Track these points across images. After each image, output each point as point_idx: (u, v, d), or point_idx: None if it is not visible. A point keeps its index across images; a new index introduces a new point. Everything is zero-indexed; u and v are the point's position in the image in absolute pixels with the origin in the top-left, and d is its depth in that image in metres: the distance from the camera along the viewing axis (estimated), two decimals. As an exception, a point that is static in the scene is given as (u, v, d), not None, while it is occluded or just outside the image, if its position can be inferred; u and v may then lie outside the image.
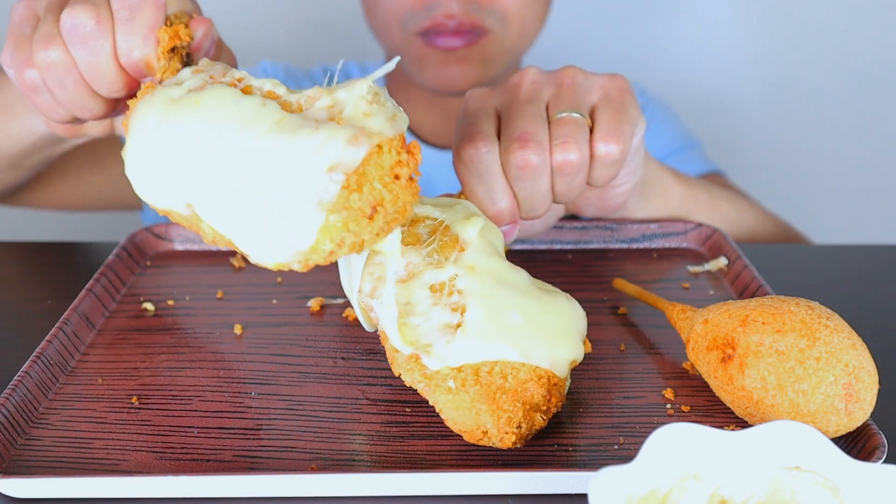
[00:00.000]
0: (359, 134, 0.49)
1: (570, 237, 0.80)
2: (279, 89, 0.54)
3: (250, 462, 0.54)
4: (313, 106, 0.52)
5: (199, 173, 0.52)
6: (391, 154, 0.50)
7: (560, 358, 0.54)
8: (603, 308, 0.70)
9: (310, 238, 0.49)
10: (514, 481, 0.51)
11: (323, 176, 0.49)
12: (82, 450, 0.55)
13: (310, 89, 0.54)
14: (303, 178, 0.49)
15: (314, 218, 0.49)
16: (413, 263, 0.56)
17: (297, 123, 0.50)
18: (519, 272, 0.57)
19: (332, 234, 0.49)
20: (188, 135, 0.53)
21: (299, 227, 0.49)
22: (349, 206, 0.49)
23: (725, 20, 1.49)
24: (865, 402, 0.51)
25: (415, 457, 0.54)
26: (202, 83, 0.55)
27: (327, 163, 0.49)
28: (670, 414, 0.58)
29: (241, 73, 0.56)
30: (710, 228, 0.80)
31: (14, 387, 0.57)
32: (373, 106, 0.51)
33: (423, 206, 0.60)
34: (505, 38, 1.00)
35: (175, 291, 0.72)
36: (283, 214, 0.50)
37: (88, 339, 0.66)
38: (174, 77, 0.57)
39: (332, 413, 0.58)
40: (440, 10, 0.97)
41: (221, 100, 0.53)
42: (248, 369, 0.62)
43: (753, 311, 0.54)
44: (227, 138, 0.51)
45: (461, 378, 0.52)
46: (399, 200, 0.51)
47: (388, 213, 0.50)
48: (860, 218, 1.60)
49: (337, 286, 0.71)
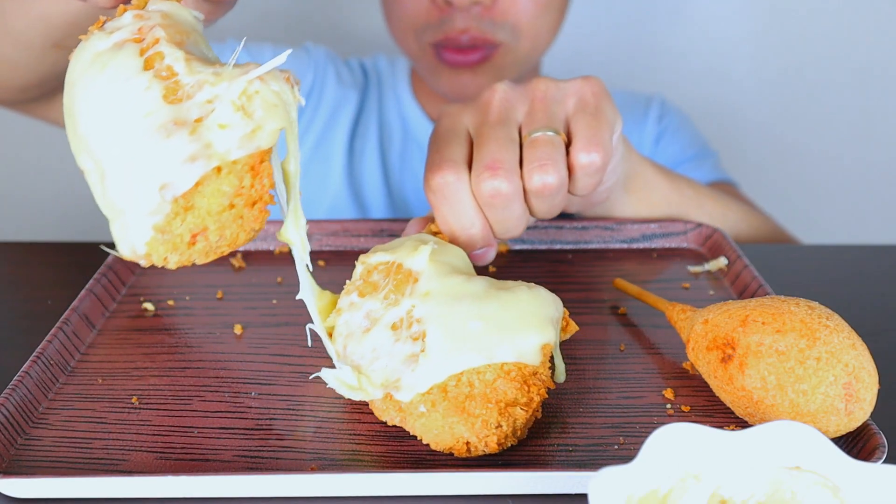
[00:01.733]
0: (198, 154, 0.48)
1: (570, 237, 0.80)
2: (179, 65, 0.50)
3: (250, 462, 0.54)
4: (193, 98, 0.49)
5: (90, 141, 0.50)
6: (230, 179, 0.48)
7: (525, 347, 0.54)
8: (603, 308, 0.70)
9: (141, 246, 0.50)
10: (514, 481, 0.51)
11: (156, 192, 0.48)
12: (82, 450, 0.55)
13: (211, 71, 0.50)
14: (141, 187, 0.48)
15: (145, 229, 0.49)
16: (373, 311, 0.57)
17: (159, 122, 0.48)
18: (476, 281, 0.57)
19: (157, 251, 0.50)
20: (86, 100, 0.50)
21: (135, 232, 0.50)
22: (170, 230, 0.49)
23: (726, 20, 1.49)
24: (865, 402, 0.51)
25: (415, 457, 0.54)
26: (127, 38, 0.51)
27: (162, 179, 0.48)
28: (670, 414, 0.58)
29: (160, 34, 0.51)
30: (710, 228, 0.80)
31: (14, 387, 0.57)
32: (237, 115, 0.49)
33: (374, 254, 0.60)
34: (516, 50, 1.00)
35: (175, 291, 0.72)
36: (125, 213, 0.49)
37: (88, 339, 0.65)
38: (116, 20, 0.53)
39: (332, 413, 0.58)
40: (454, 24, 0.97)
41: (119, 72, 0.50)
42: (248, 369, 0.62)
43: (753, 311, 0.54)
44: (107, 116, 0.49)
45: (430, 400, 0.52)
46: (227, 231, 0.50)
47: (211, 243, 0.50)
48: (860, 218, 1.60)
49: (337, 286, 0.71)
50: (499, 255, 0.78)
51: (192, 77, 0.49)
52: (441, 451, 0.53)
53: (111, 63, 0.51)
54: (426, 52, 1.01)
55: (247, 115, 0.49)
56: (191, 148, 0.48)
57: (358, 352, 0.56)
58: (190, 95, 0.49)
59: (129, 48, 0.51)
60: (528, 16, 0.98)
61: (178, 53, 0.50)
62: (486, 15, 0.97)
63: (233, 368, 0.62)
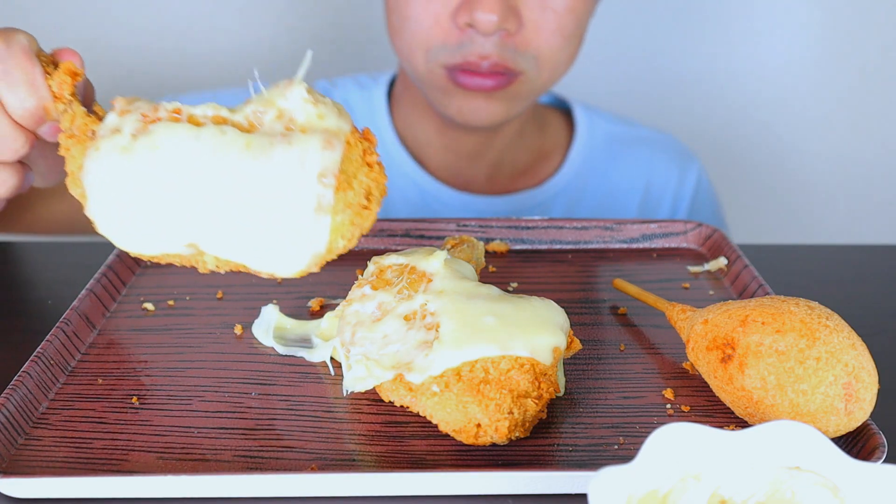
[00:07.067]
0: (329, 137, 0.52)
1: (570, 237, 0.80)
2: (222, 112, 0.54)
3: (250, 462, 0.54)
4: (264, 120, 0.53)
5: (191, 213, 0.52)
6: (358, 146, 0.53)
7: (539, 345, 0.55)
8: (603, 308, 0.70)
9: (324, 240, 0.52)
10: (514, 481, 0.51)
11: (315, 183, 0.51)
12: (82, 450, 0.55)
13: (248, 104, 0.54)
14: (297, 190, 0.51)
15: (322, 222, 0.52)
16: (385, 302, 0.58)
17: (266, 142, 0.52)
18: (489, 287, 0.59)
19: (343, 232, 0.53)
20: (159, 180, 0.52)
21: (310, 234, 0.52)
22: (349, 203, 0.52)
23: (726, 20, 1.49)
24: (865, 401, 0.51)
25: (414, 457, 0.54)
26: (140, 125, 0.53)
27: (315, 170, 0.51)
28: (670, 414, 0.58)
29: (173, 105, 0.54)
30: (710, 228, 0.80)
31: (14, 387, 0.57)
32: (319, 107, 0.53)
33: (388, 256, 0.62)
34: (536, 79, 0.96)
35: (175, 291, 0.72)
36: (289, 227, 0.52)
37: (88, 339, 0.65)
38: (104, 125, 0.55)
39: (332, 413, 0.58)
40: (475, 49, 0.91)
41: (179, 138, 0.52)
42: (248, 369, 0.62)
43: (753, 311, 0.54)
44: (204, 174, 0.52)
45: (444, 381, 0.53)
46: (380, 184, 0.54)
47: (377, 199, 0.54)
48: (860, 218, 1.60)
49: (336, 286, 0.71)
50: (499, 255, 0.78)
51: (238, 115, 0.54)
52: (446, 435, 0.53)
53: (159, 139, 0.52)
54: (436, 73, 0.95)
55: (322, 103, 0.54)
56: (320, 138, 0.52)
57: (368, 337, 0.56)
58: (257, 124, 0.53)
59: (163, 125, 0.53)
60: (552, 46, 0.93)
61: (207, 107, 0.54)
62: (508, 42, 0.91)
63: (233, 368, 0.62)
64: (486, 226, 0.80)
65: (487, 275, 0.75)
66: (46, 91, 0.57)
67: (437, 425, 0.54)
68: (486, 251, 0.78)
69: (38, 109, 0.57)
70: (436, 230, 0.79)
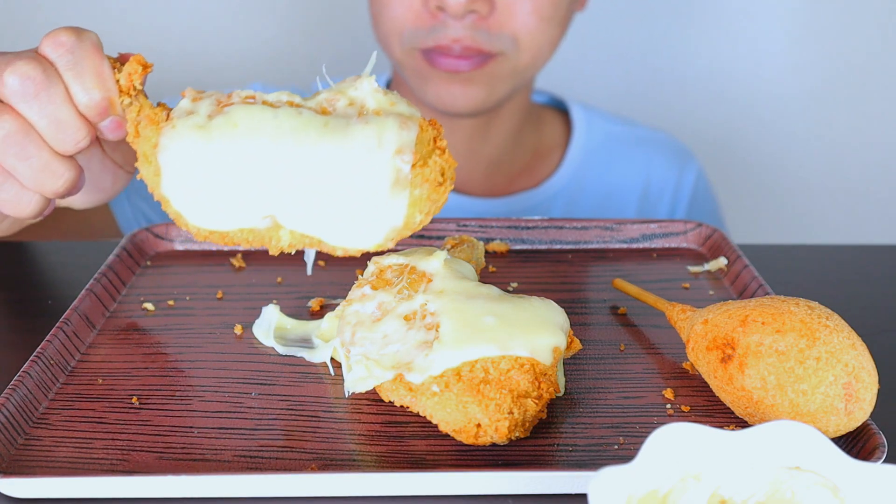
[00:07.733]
0: (406, 119, 0.55)
1: (570, 237, 0.80)
2: (295, 98, 0.56)
3: (250, 462, 0.54)
4: (337, 106, 0.56)
5: (270, 187, 0.55)
6: (429, 130, 0.56)
7: (540, 345, 0.55)
8: (603, 308, 0.70)
9: (401, 214, 0.54)
10: (514, 481, 0.51)
11: (393, 159, 0.54)
12: (82, 450, 0.55)
13: (320, 93, 0.57)
14: (375, 166, 0.54)
15: (400, 196, 0.54)
16: (385, 302, 0.58)
17: (343, 123, 0.54)
18: (489, 287, 0.59)
19: (420, 206, 0.55)
20: (239, 156, 0.54)
21: (389, 207, 0.54)
22: (427, 178, 0.55)
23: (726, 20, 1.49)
24: (865, 401, 0.51)
25: (414, 457, 0.54)
26: (214, 108, 0.56)
27: (392, 147, 0.54)
28: (670, 414, 0.58)
29: (247, 92, 0.57)
30: (710, 228, 0.80)
31: (14, 387, 0.57)
32: (388, 96, 0.56)
33: (388, 256, 0.62)
34: (516, 60, 0.96)
35: (175, 291, 0.72)
36: (368, 202, 0.54)
37: (88, 339, 0.65)
38: (177, 108, 0.56)
39: (332, 413, 0.58)
40: (447, 32, 0.92)
41: (259, 117, 0.55)
42: (248, 369, 0.62)
43: (753, 311, 0.54)
44: (283, 150, 0.54)
45: (444, 381, 0.53)
46: (451, 166, 0.56)
47: (451, 178, 0.56)
48: (860, 218, 1.60)
49: (336, 286, 0.71)
50: (499, 256, 0.78)
51: (312, 101, 0.56)
52: (446, 435, 0.54)
53: (239, 117, 0.55)
54: (412, 56, 0.96)
55: (391, 94, 0.56)
56: (396, 119, 0.54)
57: (368, 337, 0.56)
58: (330, 109, 0.56)
59: (240, 106, 0.55)
60: (528, 28, 0.94)
61: (282, 94, 0.56)
62: (481, 24, 0.92)
63: (233, 368, 0.62)
64: (485, 226, 0.80)
65: (487, 275, 0.75)
66: (113, 84, 0.58)
67: (437, 425, 0.54)
68: (486, 251, 0.78)
69: (104, 101, 0.58)
70: (436, 230, 0.79)
